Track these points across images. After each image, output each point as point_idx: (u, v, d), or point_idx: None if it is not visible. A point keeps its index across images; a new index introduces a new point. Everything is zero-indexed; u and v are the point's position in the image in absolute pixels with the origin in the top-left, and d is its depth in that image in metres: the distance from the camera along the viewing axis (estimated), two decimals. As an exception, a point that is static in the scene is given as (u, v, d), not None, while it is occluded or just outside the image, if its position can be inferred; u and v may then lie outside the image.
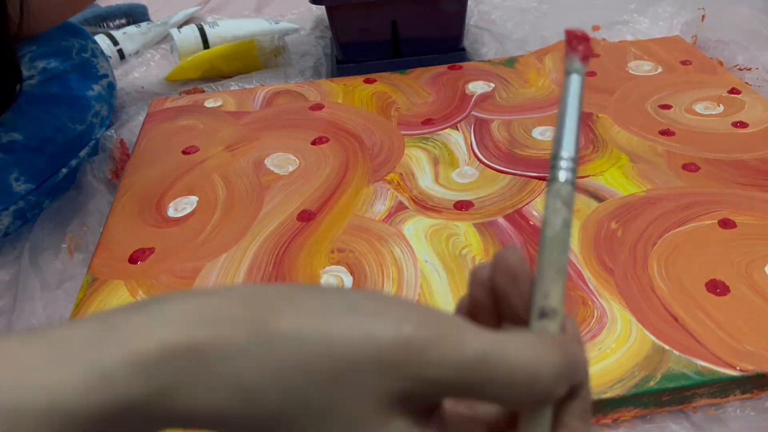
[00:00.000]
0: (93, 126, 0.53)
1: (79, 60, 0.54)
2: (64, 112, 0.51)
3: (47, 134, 0.49)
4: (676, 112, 0.53)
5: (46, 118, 0.50)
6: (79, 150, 0.51)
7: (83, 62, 0.55)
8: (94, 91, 0.54)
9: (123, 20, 0.80)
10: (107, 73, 0.57)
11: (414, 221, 0.43)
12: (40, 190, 0.48)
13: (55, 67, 0.52)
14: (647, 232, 0.41)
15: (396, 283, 0.38)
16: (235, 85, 0.67)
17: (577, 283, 0.37)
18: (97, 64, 0.56)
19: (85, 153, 0.52)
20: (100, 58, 0.57)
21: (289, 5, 0.85)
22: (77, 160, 0.51)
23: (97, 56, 0.57)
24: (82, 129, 0.52)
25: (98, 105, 0.54)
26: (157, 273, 0.40)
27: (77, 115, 0.52)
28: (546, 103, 0.56)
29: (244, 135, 0.54)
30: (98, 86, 0.55)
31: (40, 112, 0.50)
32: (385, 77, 0.62)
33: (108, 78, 0.57)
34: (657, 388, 0.31)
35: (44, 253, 0.44)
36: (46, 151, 0.48)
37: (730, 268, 0.37)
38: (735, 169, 0.46)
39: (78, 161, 0.51)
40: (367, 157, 0.50)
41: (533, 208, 0.44)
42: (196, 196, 0.47)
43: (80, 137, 0.51)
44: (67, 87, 0.52)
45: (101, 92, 0.55)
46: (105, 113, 0.55)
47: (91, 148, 0.53)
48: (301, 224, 0.43)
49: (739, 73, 0.61)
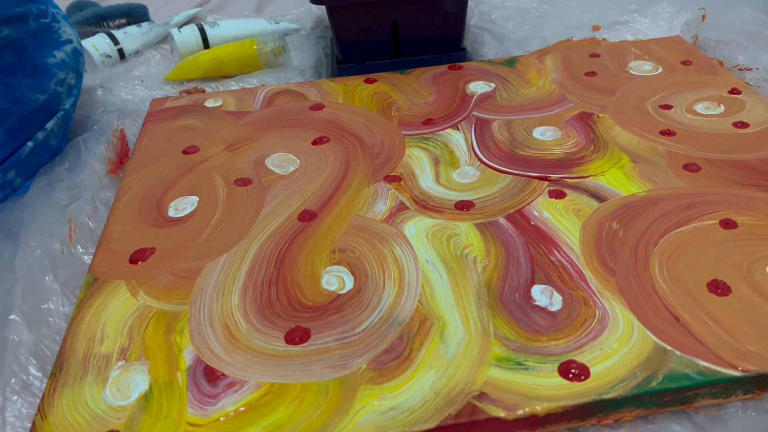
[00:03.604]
0: (59, 95, 0.50)
1: (37, 26, 0.51)
2: (22, 81, 0.48)
3: (4, 106, 0.46)
4: (676, 112, 0.53)
5: (2, 90, 0.47)
6: (45, 121, 0.49)
7: (42, 28, 0.51)
8: (56, 58, 0.51)
9: (123, 20, 0.80)
10: (71, 38, 0.53)
11: (415, 221, 0.43)
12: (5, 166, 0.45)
13: (8, 35, 0.48)
14: (648, 233, 0.41)
15: (397, 283, 0.38)
16: (235, 84, 0.67)
17: (578, 283, 0.37)
18: (59, 29, 0.52)
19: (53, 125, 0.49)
20: (62, 23, 0.53)
21: (289, 5, 0.85)
22: (44, 133, 0.48)
23: (58, 20, 0.53)
24: (45, 99, 0.49)
25: (62, 73, 0.51)
26: (158, 273, 0.40)
27: (37, 84, 0.49)
28: (546, 103, 0.56)
29: (245, 135, 0.54)
30: (60, 53, 0.51)
31: None
32: (385, 77, 0.62)
33: (72, 44, 0.53)
34: (659, 388, 0.31)
35: (41, 237, 0.44)
36: (5, 124, 0.46)
37: (732, 269, 0.37)
38: (736, 170, 0.46)
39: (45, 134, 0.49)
40: (367, 157, 0.50)
41: (534, 208, 0.44)
42: (197, 196, 0.47)
43: (44, 108, 0.49)
44: (24, 54, 0.49)
45: (65, 59, 0.52)
46: (72, 81, 0.52)
47: (61, 119, 0.50)
48: (301, 224, 0.43)
49: (739, 74, 0.61)
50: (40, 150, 0.49)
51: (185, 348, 0.35)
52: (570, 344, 0.34)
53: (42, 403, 0.32)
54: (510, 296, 0.37)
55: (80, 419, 0.31)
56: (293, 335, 0.35)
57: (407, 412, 0.31)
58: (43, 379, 0.36)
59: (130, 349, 0.35)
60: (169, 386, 0.33)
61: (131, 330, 0.36)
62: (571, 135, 0.51)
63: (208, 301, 0.38)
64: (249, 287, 0.38)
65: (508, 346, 0.34)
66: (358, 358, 0.33)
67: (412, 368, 0.33)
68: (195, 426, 0.31)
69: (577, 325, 0.35)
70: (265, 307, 0.37)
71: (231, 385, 0.33)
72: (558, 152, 0.49)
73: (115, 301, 0.38)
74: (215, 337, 0.35)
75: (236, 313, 0.37)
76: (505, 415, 0.30)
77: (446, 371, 0.32)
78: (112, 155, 0.53)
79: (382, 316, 0.36)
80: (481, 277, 0.38)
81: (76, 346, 0.35)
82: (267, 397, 0.32)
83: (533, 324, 0.35)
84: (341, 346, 0.34)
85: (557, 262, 0.39)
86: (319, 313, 0.36)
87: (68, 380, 0.33)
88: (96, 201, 0.49)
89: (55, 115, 0.50)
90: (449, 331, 0.35)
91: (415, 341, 0.34)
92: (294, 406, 0.31)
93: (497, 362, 0.33)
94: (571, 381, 0.32)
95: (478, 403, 0.31)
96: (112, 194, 0.50)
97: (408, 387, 0.32)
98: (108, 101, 0.64)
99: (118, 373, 0.34)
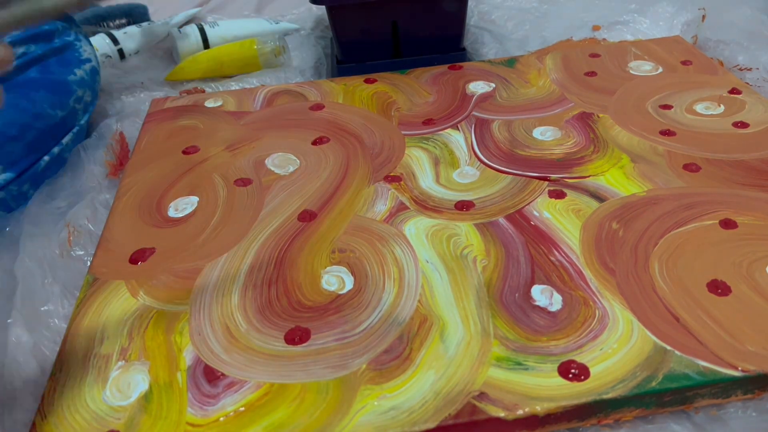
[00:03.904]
0: (76, 112, 0.52)
1: (61, 44, 0.52)
2: (44, 97, 0.49)
3: (26, 121, 0.47)
4: (676, 112, 0.53)
5: (25, 105, 0.48)
6: (61, 137, 0.50)
7: (65, 46, 0.53)
8: (77, 76, 0.52)
9: (123, 20, 0.80)
10: (90, 57, 0.55)
11: (415, 221, 0.43)
12: (21, 179, 0.46)
13: (34, 51, 0.50)
14: (648, 233, 0.41)
15: (397, 283, 0.38)
16: (235, 84, 0.67)
17: (578, 283, 0.37)
18: (80, 47, 0.54)
19: (68, 140, 0.50)
20: (83, 41, 0.55)
21: (289, 5, 0.85)
22: (60, 147, 0.49)
23: (80, 40, 0.55)
24: (64, 115, 0.50)
25: (81, 90, 0.52)
26: (158, 273, 0.40)
27: (58, 100, 0.50)
28: (546, 103, 0.56)
29: (245, 135, 0.54)
30: (81, 71, 0.53)
31: (19, 98, 0.48)
32: (385, 77, 0.62)
33: (92, 62, 0.55)
34: (658, 388, 0.31)
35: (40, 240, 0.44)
36: (25, 138, 0.47)
37: (732, 269, 0.37)
38: (736, 170, 0.46)
39: (61, 148, 0.49)
40: (367, 157, 0.50)
41: (534, 208, 0.43)
42: (197, 196, 0.47)
43: (62, 123, 0.50)
44: (47, 72, 0.51)
45: (84, 77, 0.53)
46: (89, 99, 0.53)
47: (75, 135, 0.51)
48: (301, 224, 0.43)
49: (739, 74, 0.61)
50: (54, 164, 0.50)
51: (185, 348, 0.35)
52: (570, 344, 0.34)
53: (42, 403, 0.32)
54: (510, 296, 0.37)
55: (80, 419, 0.31)
56: (293, 335, 0.35)
57: (407, 412, 0.31)
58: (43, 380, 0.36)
59: (130, 349, 0.35)
60: (169, 386, 0.33)
61: (131, 330, 0.36)
62: (571, 135, 0.51)
63: (208, 301, 0.38)
64: (249, 287, 0.38)
65: (508, 346, 0.34)
66: (358, 358, 0.33)
67: (412, 368, 0.33)
68: (195, 426, 0.31)
69: (577, 325, 0.35)
70: (265, 307, 0.37)
71: (231, 385, 0.33)
72: (558, 152, 0.49)
73: (115, 301, 0.38)
74: (215, 337, 0.35)
75: (236, 313, 0.37)
76: (505, 415, 0.30)
77: (446, 371, 0.32)
78: (112, 158, 0.53)
79: (382, 316, 0.36)
80: (481, 277, 0.38)
81: (76, 346, 0.35)
82: (267, 397, 0.32)
83: (533, 324, 0.35)
84: (341, 346, 0.34)
85: (557, 262, 0.39)
86: (319, 313, 0.36)
87: (68, 380, 0.33)
88: (96, 204, 0.49)
89: (71, 131, 0.51)
90: (449, 331, 0.35)
91: (415, 341, 0.34)
92: (294, 406, 0.31)
93: (497, 362, 0.33)
94: (571, 381, 0.32)
95: (478, 403, 0.31)
96: (111, 196, 0.50)
97: (408, 387, 0.32)
98: (107, 101, 0.64)
99: (118, 373, 0.34)
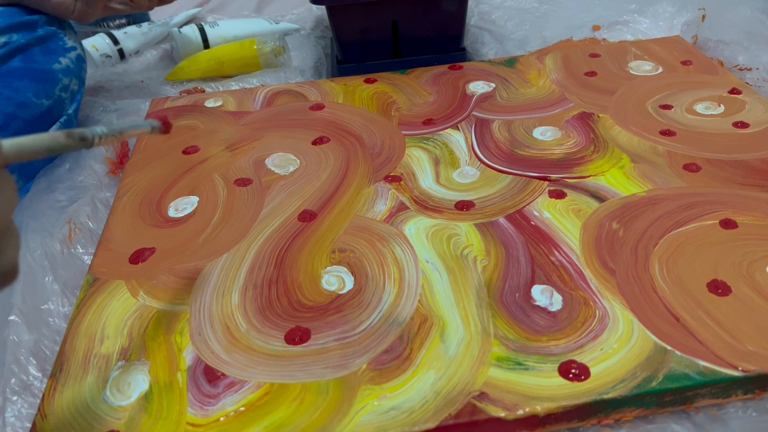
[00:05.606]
0: (63, 101, 0.51)
1: (45, 33, 0.52)
2: (28, 86, 0.49)
3: (10, 110, 0.47)
4: (676, 112, 0.53)
5: (8, 94, 0.48)
6: (48, 126, 0.50)
7: (49, 35, 0.52)
8: (62, 65, 0.52)
9: (123, 20, 0.80)
10: (75, 45, 0.55)
11: (415, 221, 0.43)
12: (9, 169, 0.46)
13: (17, 41, 0.50)
14: (648, 233, 0.41)
15: (397, 283, 0.38)
16: (235, 84, 0.67)
17: (578, 283, 0.37)
18: (65, 36, 0.54)
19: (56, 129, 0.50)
20: (68, 30, 0.55)
21: (289, 5, 0.85)
22: None
23: (64, 28, 0.54)
24: (50, 104, 0.50)
25: (67, 79, 0.52)
26: (158, 273, 0.40)
27: (42, 89, 0.50)
28: (546, 103, 0.56)
29: (245, 135, 0.54)
30: (66, 59, 0.52)
31: (1, 87, 0.48)
32: (385, 77, 0.62)
33: (77, 50, 0.54)
34: (659, 388, 0.31)
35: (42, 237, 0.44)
36: (10, 128, 0.47)
37: (732, 269, 0.37)
38: (736, 170, 0.46)
39: None
40: (367, 157, 0.50)
41: (534, 208, 0.43)
42: (197, 196, 0.47)
43: (48, 113, 0.50)
44: (31, 60, 0.50)
45: (69, 65, 0.53)
46: (75, 87, 0.53)
47: (63, 124, 0.51)
48: (302, 224, 0.43)
49: (739, 74, 0.61)
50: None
51: (185, 348, 0.35)
52: (570, 344, 0.34)
53: (42, 403, 0.32)
54: (510, 296, 0.37)
55: (80, 419, 0.31)
56: (293, 335, 0.35)
57: (407, 412, 0.31)
58: (43, 379, 0.36)
59: (130, 349, 0.35)
60: (169, 386, 0.33)
61: (131, 330, 0.36)
62: (571, 135, 0.51)
63: (208, 301, 0.38)
64: (249, 287, 0.38)
65: (508, 346, 0.34)
66: (358, 358, 0.33)
67: (412, 368, 0.33)
68: (195, 426, 0.31)
69: (577, 325, 0.35)
70: (265, 307, 0.37)
71: (231, 385, 0.32)
72: (558, 152, 0.49)
73: (115, 301, 0.38)
74: (215, 337, 0.35)
75: (236, 313, 0.37)
76: (506, 415, 0.30)
77: (446, 371, 0.32)
78: (112, 155, 0.53)
79: (382, 316, 0.36)
80: (481, 277, 0.38)
81: (77, 346, 0.35)
82: (267, 397, 0.32)
83: (533, 324, 0.35)
84: (341, 346, 0.34)
85: (557, 262, 0.39)
86: (319, 313, 0.36)
87: (68, 380, 0.33)
88: (96, 201, 0.49)
89: (58, 120, 0.51)
90: (449, 331, 0.35)
91: (415, 341, 0.34)
92: (294, 406, 0.31)
93: (497, 362, 0.33)
94: (571, 381, 0.32)
95: (478, 403, 0.31)
96: (111, 194, 0.50)
97: (408, 387, 0.32)
98: (108, 101, 0.64)
99: (118, 373, 0.34)
